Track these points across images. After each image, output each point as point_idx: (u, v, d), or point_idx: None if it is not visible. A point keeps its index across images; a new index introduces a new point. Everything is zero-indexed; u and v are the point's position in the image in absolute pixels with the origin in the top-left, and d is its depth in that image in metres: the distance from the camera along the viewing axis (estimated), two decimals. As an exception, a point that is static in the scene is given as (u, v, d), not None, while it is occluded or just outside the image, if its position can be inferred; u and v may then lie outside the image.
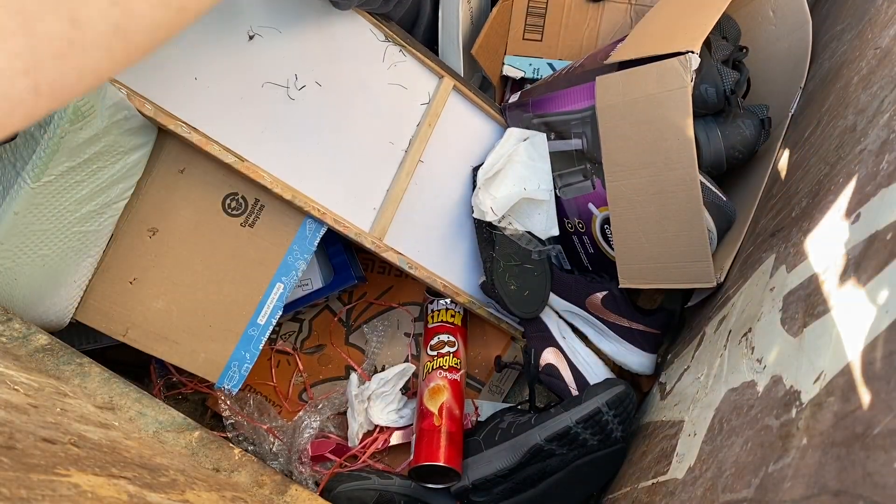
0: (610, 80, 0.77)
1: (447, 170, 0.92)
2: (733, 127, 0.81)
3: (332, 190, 0.82)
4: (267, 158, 0.77)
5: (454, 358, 0.89)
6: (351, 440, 0.89)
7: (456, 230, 0.93)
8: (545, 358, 0.89)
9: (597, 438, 0.79)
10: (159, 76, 0.71)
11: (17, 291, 0.71)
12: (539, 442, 0.78)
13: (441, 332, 0.91)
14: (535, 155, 0.89)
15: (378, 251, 0.83)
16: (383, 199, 0.85)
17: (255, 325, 0.81)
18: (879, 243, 0.39)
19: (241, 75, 0.76)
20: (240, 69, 0.76)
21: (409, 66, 0.88)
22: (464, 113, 0.93)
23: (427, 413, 0.84)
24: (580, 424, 0.77)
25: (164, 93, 0.72)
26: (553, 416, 0.79)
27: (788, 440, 0.40)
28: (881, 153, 0.45)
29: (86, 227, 0.72)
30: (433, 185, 0.90)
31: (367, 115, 0.85)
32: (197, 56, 0.73)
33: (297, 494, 0.63)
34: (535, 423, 0.80)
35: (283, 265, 0.81)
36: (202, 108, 0.74)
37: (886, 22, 0.62)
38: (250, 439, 0.88)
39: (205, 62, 0.74)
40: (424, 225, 0.89)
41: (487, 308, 0.93)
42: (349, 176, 0.83)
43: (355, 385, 0.89)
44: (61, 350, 0.66)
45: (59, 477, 0.39)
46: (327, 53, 0.82)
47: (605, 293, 0.88)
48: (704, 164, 0.81)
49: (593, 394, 0.79)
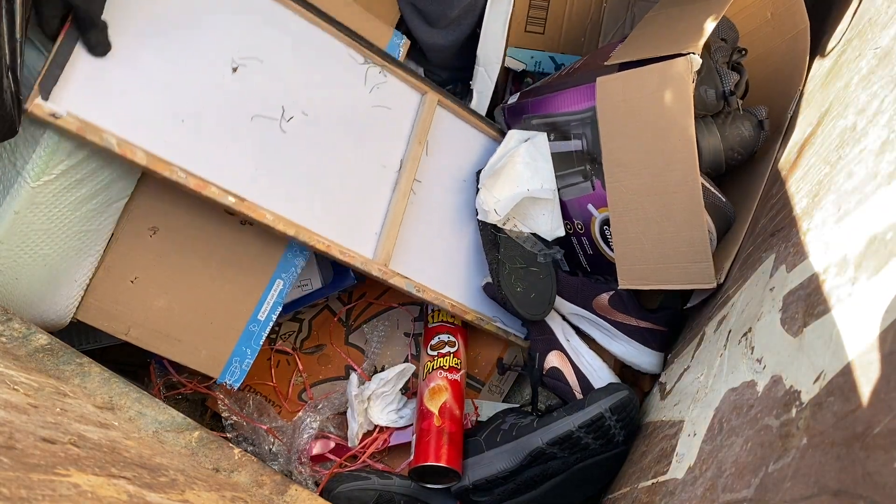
0: (610, 81, 0.77)
1: (442, 185, 0.91)
2: (732, 128, 0.81)
3: (333, 220, 0.81)
4: (265, 195, 0.76)
5: (454, 358, 0.89)
6: (351, 440, 0.89)
7: (456, 245, 0.92)
8: (549, 361, 0.89)
9: (598, 442, 0.78)
10: (146, 121, 0.70)
11: (18, 291, 0.71)
12: (541, 445, 0.78)
13: (441, 332, 0.91)
14: (537, 155, 0.89)
15: (385, 278, 0.83)
16: (382, 223, 0.85)
17: (255, 322, 0.81)
18: (879, 243, 0.39)
19: (230, 110, 0.76)
20: (228, 104, 0.75)
21: (391, 86, 0.87)
22: (452, 126, 0.93)
23: (427, 413, 0.84)
24: (582, 429, 0.77)
25: (153, 138, 0.70)
26: (556, 420, 0.79)
27: (788, 440, 0.40)
28: (881, 153, 0.45)
29: (86, 225, 0.72)
30: (430, 202, 0.90)
31: (356, 141, 0.84)
32: (180, 95, 0.72)
33: (296, 494, 0.63)
34: (538, 426, 0.80)
35: (283, 262, 0.82)
36: (193, 150, 0.72)
37: (886, 22, 0.62)
38: (250, 439, 0.88)
39: (189, 100, 0.73)
40: (426, 245, 0.89)
41: (495, 322, 0.92)
42: (347, 203, 0.83)
43: (355, 385, 0.89)
44: (61, 350, 0.66)
45: (58, 477, 0.39)
46: (309, 80, 0.81)
47: (612, 293, 0.88)
48: (704, 165, 0.81)
49: (596, 398, 0.79)
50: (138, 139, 0.69)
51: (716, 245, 0.81)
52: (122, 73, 0.69)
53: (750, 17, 0.88)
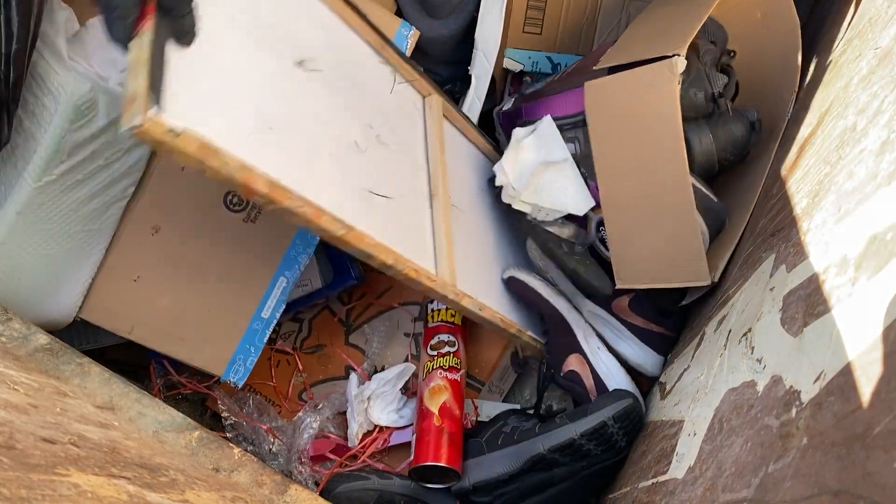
0: (599, 84, 0.77)
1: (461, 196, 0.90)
2: (724, 130, 0.82)
3: (412, 246, 0.74)
4: (365, 222, 0.66)
5: (454, 358, 0.89)
6: (351, 440, 0.89)
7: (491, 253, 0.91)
8: (568, 364, 0.89)
9: (600, 449, 0.79)
10: (244, 131, 0.58)
11: (21, 291, 0.71)
12: (542, 451, 0.78)
13: (441, 332, 0.91)
14: (544, 134, 0.87)
15: (458, 300, 0.76)
16: (433, 243, 0.79)
17: (259, 320, 0.81)
18: (879, 243, 0.39)
19: (322, 128, 0.67)
20: (319, 120, 0.67)
21: (405, 91, 0.86)
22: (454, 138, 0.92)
23: (427, 413, 0.84)
24: (584, 437, 0.77)
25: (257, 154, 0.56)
26: (558, 427, 0.79)
27: (788, 440, 0.40)
28: (881, 153, 0.45)
29: (88, 225, 0.72)
30: (463, 218, 0.87)
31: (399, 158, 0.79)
32: (266, 99, 0.63)
33: (296, 494, 0.64)
34: (540, 431, 0.80)
35: (286, 259, 0.82)
36: (295, 169, 0.61)
37: (886, 22, 0.62)
38: (249, 439, 0.88)
39: (274, 106, 0.63)
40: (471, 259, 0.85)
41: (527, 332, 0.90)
42: (407, 227, 0.77)
43: (355, 385, 0.89)
44: (61, 350, 0.66)
45: (59, 477, 0.39)
46: (363, 95, 0.75)
47: (633, 295, 0.88)
48: (696, 167, 0.81)
49: (600, 406, 0.79)
50: (252, 159, 0.55)
51: (708, 244, 0.81)
52: (211, 73, 0.58)
53: (740, 18, 0.88)
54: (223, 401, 0.89)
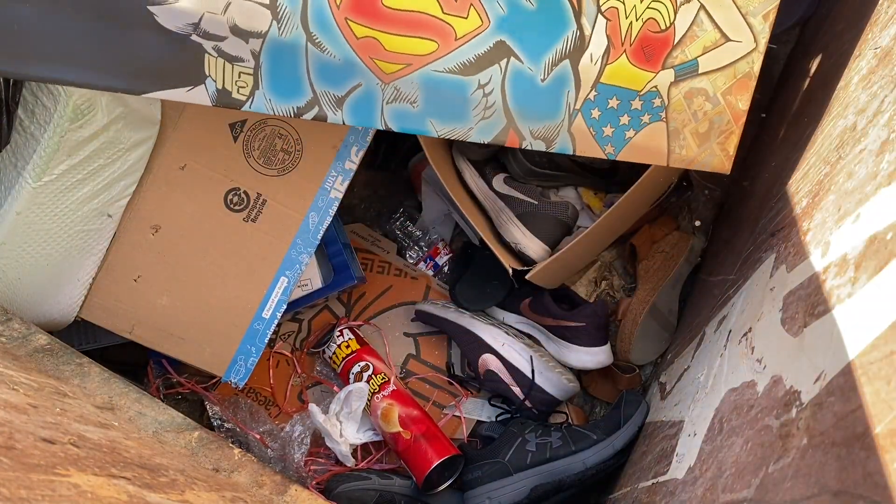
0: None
1: None
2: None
3: None
4: None
5: (377, 376, 0.89)
6: (346, 460, 0.86)
7: None
8: (483, 365, 0.90)
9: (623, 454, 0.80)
10: None
11: (22, 291, 0.71)
12: (583, 469, 0.78)
13: (351, 365, 0.91)
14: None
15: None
16: None
17: (259, 320, 0.81)
18: (879, 243, 0.39)
19: None
20: None
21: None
22: None
23: (394, 436, 0.84)
24: (622, 447, 0.79)
25: None
26: (597, 442, 0.79)
27: (788, 440, 0.40)
28: (881, 153, 0.45)
29: (88, 225, 0.72)
30: None
31: None
32: None
33: (296, 494, 0.63)
34: (578, 448, 0.79)
35: (287, 259, 0.81)
36: None
37: (886, 22, 0.62)
38: (245, 445, 0.87)
39: None
40: None
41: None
42: None
43: (319, 413, 0.85)
44: (61, 350, 0.66)
45: (58, 477, 0.39)
46: None
47: (530, 298, 0.89)
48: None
49: (629, 414, 0.79)
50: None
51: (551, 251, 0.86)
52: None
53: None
54: (212, 409, 0.88)
